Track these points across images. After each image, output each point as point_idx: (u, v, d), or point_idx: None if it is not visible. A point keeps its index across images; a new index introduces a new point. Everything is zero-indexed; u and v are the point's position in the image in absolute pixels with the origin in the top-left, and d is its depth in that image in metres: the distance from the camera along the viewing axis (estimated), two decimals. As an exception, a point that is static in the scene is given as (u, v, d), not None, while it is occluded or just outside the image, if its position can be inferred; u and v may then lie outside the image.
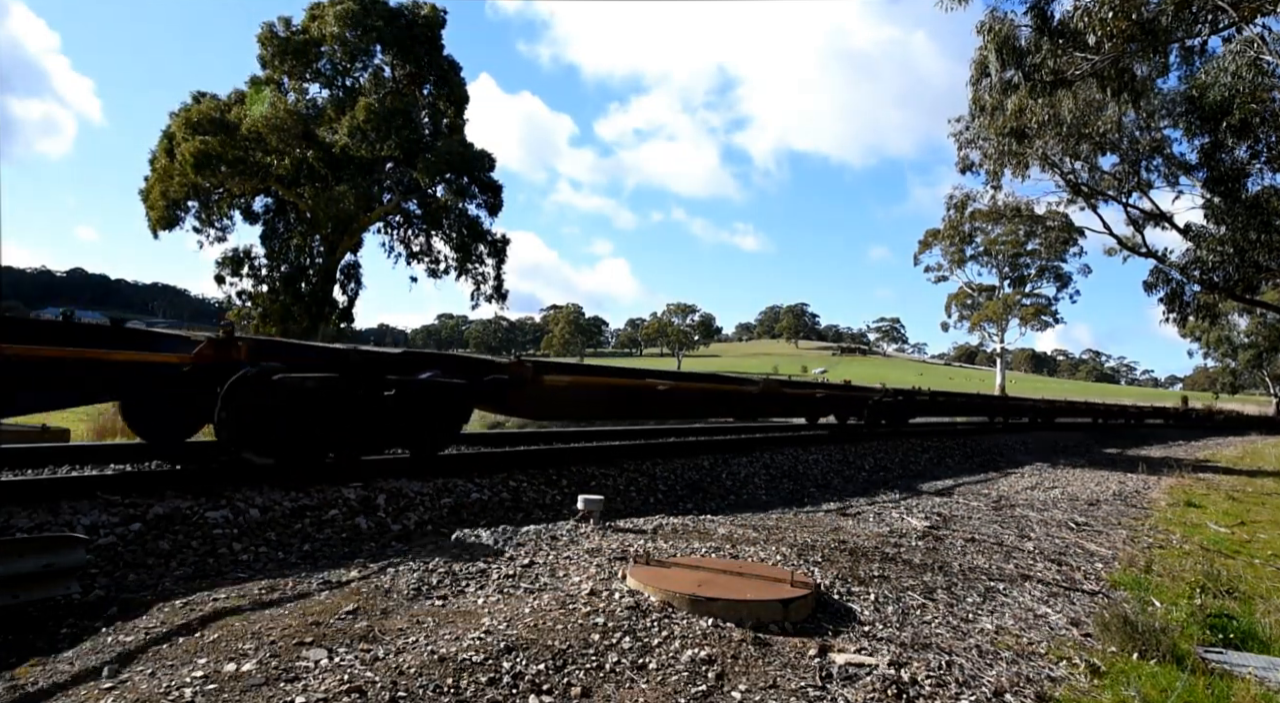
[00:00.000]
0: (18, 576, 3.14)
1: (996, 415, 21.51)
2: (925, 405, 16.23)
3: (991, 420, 21.13)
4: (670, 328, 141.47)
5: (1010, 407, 22.31)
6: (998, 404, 21.79)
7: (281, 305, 29.35)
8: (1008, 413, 22.04)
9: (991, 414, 21.36)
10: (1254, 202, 18.69)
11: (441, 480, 6.05)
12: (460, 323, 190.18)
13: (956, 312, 59.39)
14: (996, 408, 21.56)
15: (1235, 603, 4.93)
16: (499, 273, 32.11)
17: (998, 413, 21.63)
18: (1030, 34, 14.28)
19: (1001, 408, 21.79)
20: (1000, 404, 21.88)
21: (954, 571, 4.96)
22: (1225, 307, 39.35)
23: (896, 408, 14.31)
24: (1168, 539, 7.26)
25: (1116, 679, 3.36)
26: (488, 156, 30.51)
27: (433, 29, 29.69)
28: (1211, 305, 24.27)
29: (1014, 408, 22.37)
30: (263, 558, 4.38)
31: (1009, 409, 22.11)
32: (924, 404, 16.06)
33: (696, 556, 4.46)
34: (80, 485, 4.63)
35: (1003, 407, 21.92)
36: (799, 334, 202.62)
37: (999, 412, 21.70)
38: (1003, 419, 21.60)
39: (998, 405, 21.70)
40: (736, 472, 8.76)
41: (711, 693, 2.76)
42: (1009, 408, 22.16)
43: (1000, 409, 21.71)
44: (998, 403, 21.92)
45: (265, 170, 27.50)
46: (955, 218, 45.75)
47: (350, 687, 2.51)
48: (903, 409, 14.70)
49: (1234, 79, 16.00)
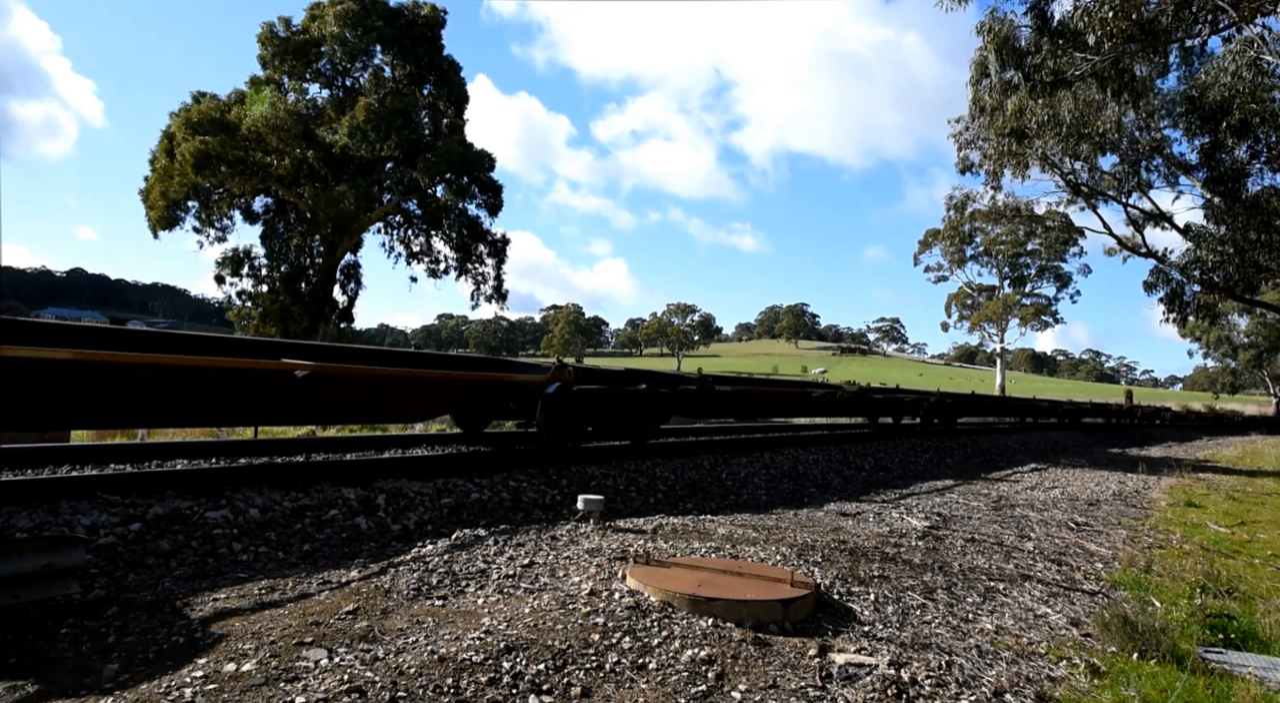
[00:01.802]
0: (18, 576, 3.14)
1: (1027, 416, 23.92)
2: (970, 407, 18.51)
3: (1023, 420, 23.66)
4: (670, 328, 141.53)
5: (1040, 408, 24.45)
6: (1029, 406, 23.91)
7: (281, 305, 29.37)
8: (1038, 414, 24.33)
9: (1022, 415, 23.69)
10: (1254, 202, 18.70)
11: (441, 480, 6.05)
12: (460, 323, 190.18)
13: (956, 312, 59.45)
14: (1028, 409, 23.77)
15: (1235, 603, 4.93)
16: (499, 273, 32.14)
17: (1028, 414, 23.93)
18: (1030, 34, 14.29)
19: (1032, 409, 23.95)
20: (1031, 406, 23.98)
21: (954, 571, 4.96)
22: (1225, 307, 39.42)
23: (947, 409, 16.14)
24: (1168, 539, 7.26)
25: (1116, 679, 3.36)
26: (488, 156, 30.51)
27: (433, 29, 29.69)
28: (1211, 305, 24.26)
29: (1044, 409, 24.60)
30: (263, 558, 4.38)
31: (1039, 410, 24.34)
32: (969, 406, 18.39)
33: (696, 556, 4.46)
34: (80, 485, 4.62)
35: (1033, 408, 23.98)
36: (799, 334, 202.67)
37: (1029, 413, 23.94)
38: (1033, 419, 24.12)
39: (1028, 407, 23.84)
40: (736, 472, 8.75)
41: (711, 693, 2.76)
42: (1039, 409, 24.33)
43: (1031, 410, 23.93)
44: (1029, 405, 24.03)
45: (265, 170, 27.51)
46: (955, 218, 45.86)
47: (350, 687, 2.51)
48: (952, 410, 16.57)
49: (1234, 79, 16.02)
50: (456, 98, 30.79)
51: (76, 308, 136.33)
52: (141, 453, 6.53)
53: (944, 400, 16.25)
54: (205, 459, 6.61)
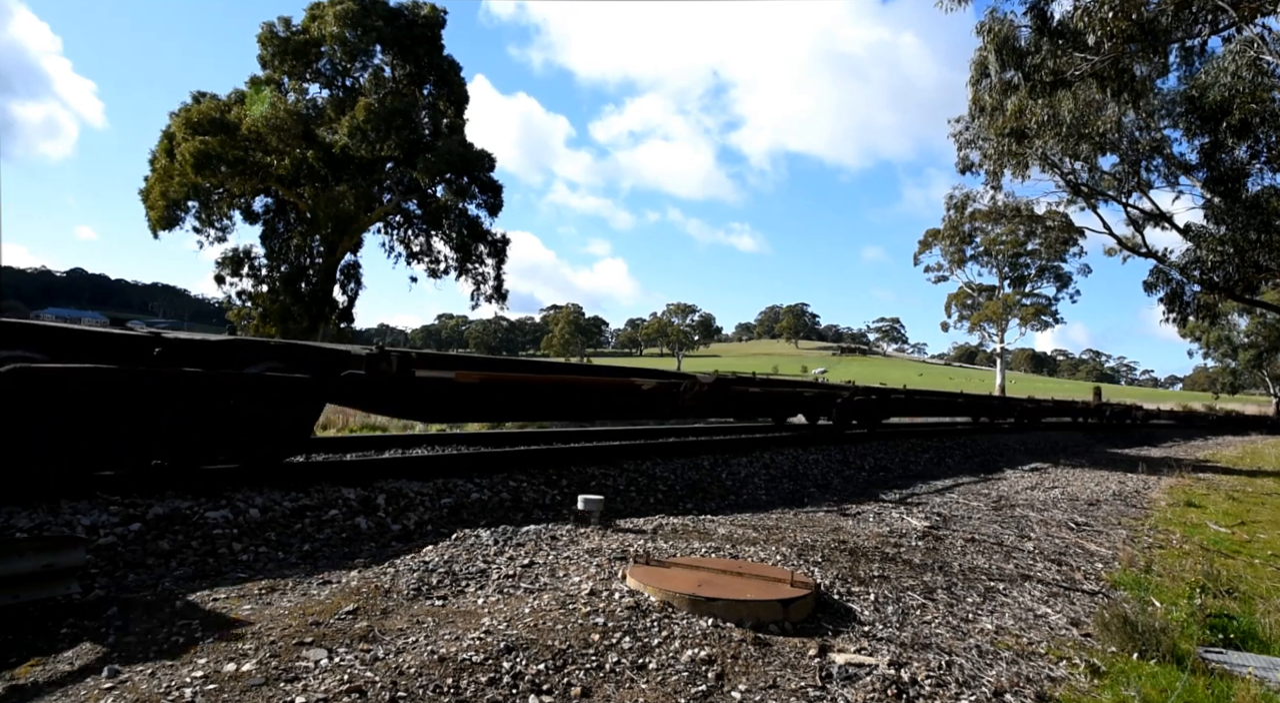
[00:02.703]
0: (18, 575, 3.14)
1: (982, 415, 20.32)
2: (902, 405, 15.22)
3: (977, 420, 20.09)
4: (670, 328, 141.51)
5: (996, 407, 21.18)
6: (983, 404, 20.52)
7: (281, 305, 29.36)
8: (993, 413, 20.92)
9: (976, 414, 20.08)
10: (1254, 202, 18.70)
11: (441, 481, 6.05)
12: (460, 323, 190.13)
13: (956, 312, 59.44)
14: (982, 407, 20.27)
15: (1235, 603, 4.93)
16: (499, 273, 32.14)
17: (984, 413, 20.36)
18: (1030, 34, 14.29)
19: (986, 408, 20.59)
20: (985, 404, 20.66)
21: (954, 571, 4.96)
22: (1225, 307, 39.41)
23: (869, 407, 13.15)
24: (1168, 539, 7.26)
25: (1116, 679, 3.36)
26: (488, 156, 30.51)
27: (433, 29, 29.68)
28: (1211, 305, 24.27)
29: (996, 408, 21.22)
30: (263, 558, 4.38)
31: (994, 409, 20.96)
32: (900, 403, 15.06)
33: (696, 556, 4.46)
34: (80, 485, 4.62)
35: (987, 406, 20.68)
36: (799, 334, 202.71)
37: (985, 411, 20.46)
38: (989, 419, 20.63)
39: (983, 405, 20.44)
40: (736, 472, 8.75)
41: (711, 693, 2.76)
42: (994, 408, 20.99)
43: (986, 409, 20.52)
44: (983, 402, 20.61)
45: (265, 170, 27.51)
46: (955, 218, 45.87)
47: (350, 687, 2.51)
48: (875, 409, 13.47)
49: (1234, 79, 16.02)
50: (456, 98, 30.79)
51: (76, 308, 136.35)
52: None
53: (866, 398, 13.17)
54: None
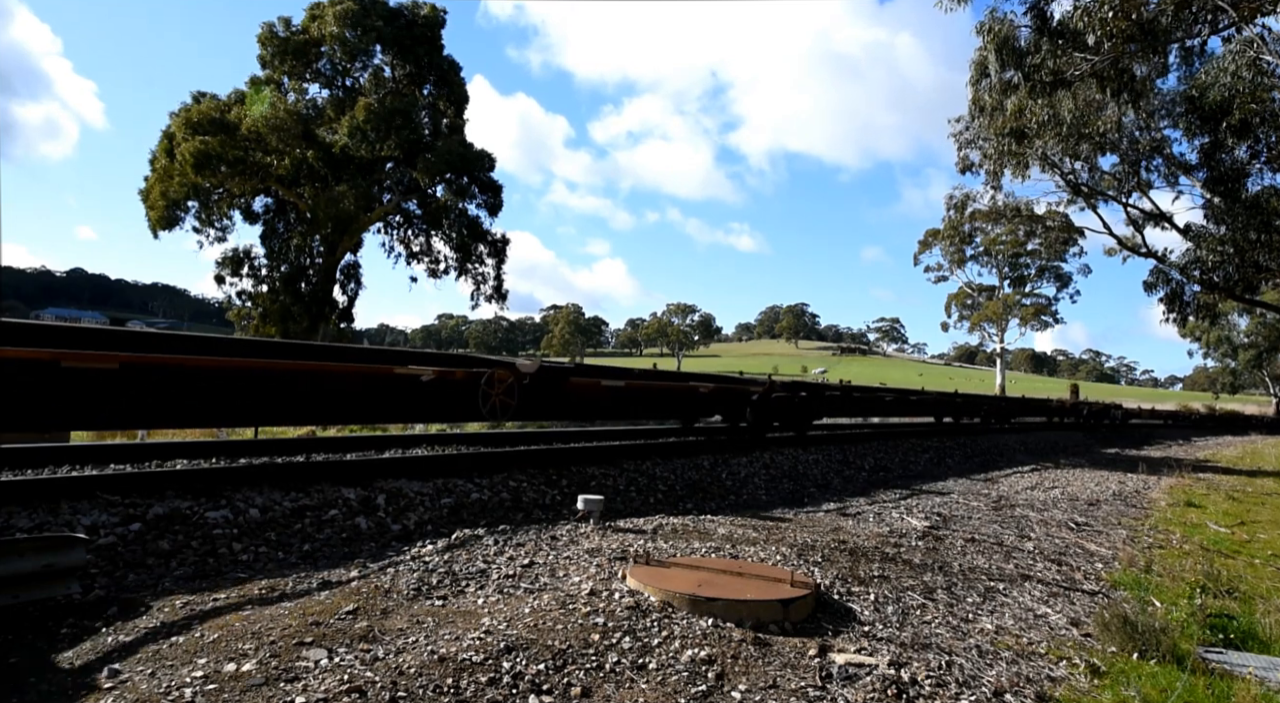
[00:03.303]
0: (18, 576, 3.14)
1: (945, 415, 18.23)
2: (837, 404, 13.21)
3: (939, 421, 18.10)
4: (670, 328, 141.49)
5: (960, 405, 18.81)
6: (945, 402, 18.32)
7: (281, 305, 29.35)
8: (957, 412, 18.60)
9: (939, 414, 18.06)
10: (1254, 202, 18.69)
11: (441, 481, 6.05)
12: (460, 323, 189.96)
13: (956, 312, 59.37)
14: (944, 407, 18.20)
15: (1235, 603, 4.93)
16: (499, 273, 32.11)
17: (947, 412, 18.22)
18: (1030, 34, 14.30)
19: (950, 407, 18.38)
20: (947, 402, 18.40)
21: (954, 571, 4.96)
22: (1225, 307, 39.36)
23: (794, 407, 11.27)
24: (1168, 539, 7.26)
25: (1116, 679, 3.36)
26: (488, 156, 30.49)
27: (432, 29, 29.66)
28: (1211, 305, 24.24)
29: (960, 406, 18.85)
30: (263, 558, 4.38)
31: (958, 408, 18.68)
32: (835, 401, 13.05)
33: (696, 556, 4.46)
34: (80, 485, 4.62)
35: (950, 405, 18.44)
36: (799, 334, 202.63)
37: (949, 411, 18.26)
38: (953, 419, 18.50)
39: (945, 404, 18.25)
40: (736, 472, 8.75)
41: (711, 693, 2.76)
42: (957, 406, 18.67)
43: (949, 408, 18.35)
44: (945, 401, 18.39)
45: (265, 170, 27.49)
46: (955, 218, 45.86)
47: (350, 687, 2.51)
48: (802, 409, 11.50)
49: (1234, 79, 16.02)
50: (456, 98, 30.77)
51: (76, 308, 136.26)
52: (141, 453, 6.53)
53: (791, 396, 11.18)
54: (205, 459, 6.61)
